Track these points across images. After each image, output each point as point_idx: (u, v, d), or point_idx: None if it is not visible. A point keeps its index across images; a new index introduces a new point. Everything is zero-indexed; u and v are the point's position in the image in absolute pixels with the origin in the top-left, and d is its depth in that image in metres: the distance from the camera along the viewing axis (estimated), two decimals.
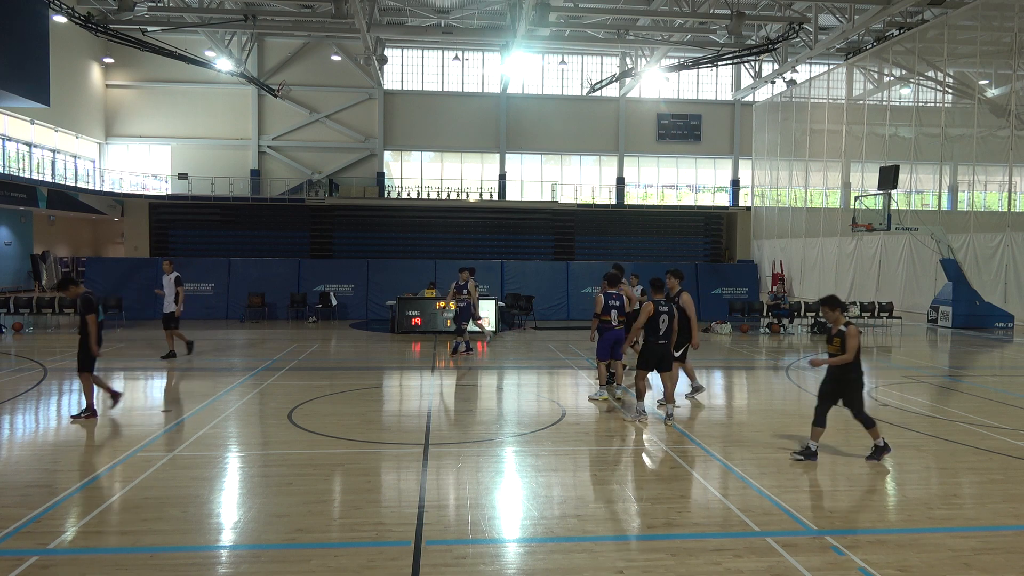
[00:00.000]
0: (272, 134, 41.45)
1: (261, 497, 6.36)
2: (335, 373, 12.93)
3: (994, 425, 9.26)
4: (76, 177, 36.90)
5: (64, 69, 34.15)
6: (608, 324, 10.47)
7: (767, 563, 5.10)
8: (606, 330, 10.49)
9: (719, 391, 12.29)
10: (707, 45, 32.02)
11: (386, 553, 5.23)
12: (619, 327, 10.49)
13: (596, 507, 6.23)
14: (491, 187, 42.65)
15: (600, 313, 10.48)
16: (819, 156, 34.68)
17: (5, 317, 19.25)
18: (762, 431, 8.92)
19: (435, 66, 42.22)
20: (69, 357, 14.20)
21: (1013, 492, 6.69)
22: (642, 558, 5.23)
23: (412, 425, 9.12)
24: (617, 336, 10.49)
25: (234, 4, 32.18)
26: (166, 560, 5.09)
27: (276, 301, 22.08)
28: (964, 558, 5.22)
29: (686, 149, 43.73)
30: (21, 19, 26.63)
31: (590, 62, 42.59)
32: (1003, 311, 21.92)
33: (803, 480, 7.04)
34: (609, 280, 10.59)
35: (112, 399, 9.58)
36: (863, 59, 31.42)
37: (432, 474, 7.05)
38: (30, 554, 5.10)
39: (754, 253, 40.84)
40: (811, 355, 15.89)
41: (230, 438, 8.35)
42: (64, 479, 6.76)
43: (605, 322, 10.47)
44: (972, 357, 16.69)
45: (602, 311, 10.45)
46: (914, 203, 28.92)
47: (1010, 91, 23.83)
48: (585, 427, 9.10)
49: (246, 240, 38.23)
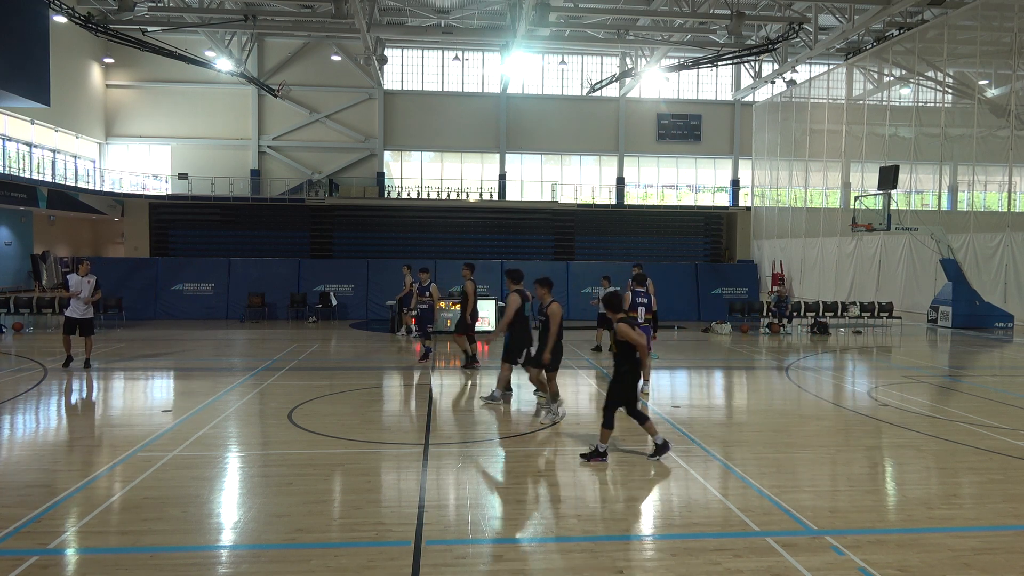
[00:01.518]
0: (272, 134, 41.44)
1: (261, 497, 6.36)
2: (335, 373, 12.93)
3: (994, 425, 9.26)
4: (76, 177, 36.89)
5: (64, 69, 34.14)
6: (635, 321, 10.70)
7: (767, 563, 5.10)
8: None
9: (719, 391, 12.29)
10: (707, 45, 32.02)
11: (386, 553, 5.23)
12: (646, 324, 10.85)
13: (596, 507, 6.23)
14: (491, 187, 42.64)
15: (628, 310, 10.65)
16: (819, 156, 34.68)
17: (5, 317, 19.25)
18: (762, 431, 8.92)
19: (435, 66, 42.22)
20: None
21: (1013, 492, 6.69)
22: (642, 558, 5.23)
23: (412, 425, 9.12)
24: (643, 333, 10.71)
25: (234, 4, 32.18)
26: (166, 560, 5.09)
27: (276, 301, 22.09)
28: (964, 558, 5.22)
29: (686, 149, 43.72)
30: (21, 19, 26.61)
31: (590, 62, 42.58)
32: (1003, 311, 21.92)
33: (803, 480, 7.04)
34: (636, 279, 11.12)
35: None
36: (863, 59, 31.43)
37: (432, 474, 7.05)
38: (30, 554, 5.10)
39: (754, 253, 40.84)
40: (811, 355, 15.90)
41: (230, 438, 8.35)
42: (64, 479, 6.75)
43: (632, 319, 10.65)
44: (972, 357, 16.69)
45: (629, 307, 10.75)
46: (914, 203, 28.92)
47: (1010, 91, 23.83)
48: (585, 427, 9.10)
49: (246, 240, 38.23)
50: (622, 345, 7.47)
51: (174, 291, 21.90)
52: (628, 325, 7.43)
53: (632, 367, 7.48)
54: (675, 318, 22.45)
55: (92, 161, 39.29)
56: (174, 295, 21.87)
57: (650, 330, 10.89)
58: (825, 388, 12.11)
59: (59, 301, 18.91)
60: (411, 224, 39.70)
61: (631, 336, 7.34)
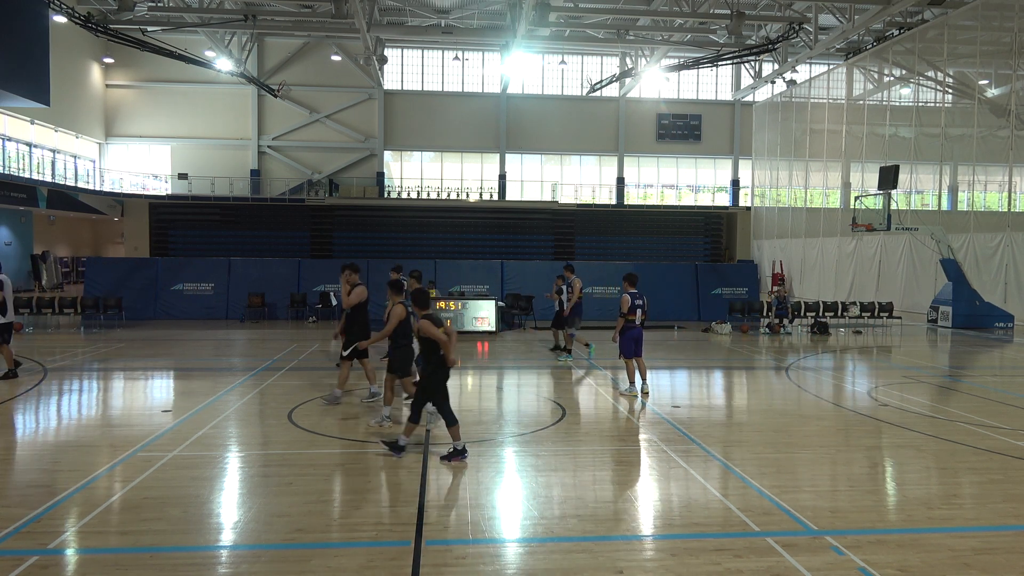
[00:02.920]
0: (272, 134, 41.45)
1: (261, 497, 6.36)
2: (335, 373, 12.91)
3: (994, 425, 9.26)
4: (76, 177, 36.90)
5: (64, 69, 34.14)
6: (632, 323, 10.93)
7: (767, 563, 5.10)
8: (629, 328, 10.94)
9: (719, 391, 12.29)
10: (707, 45, 32.02)
11: (386, 553, 5.23)
12: (641, 325, 11.00)
13: (596, 507, 6.23)
14: (491, 187, 42.65)
15: (627, 312, 10.88)
16: (819, 156, 34.68)
17: None
18: (762, 431, 8.92)
19: (435, 66, 42.23)
20: (69, 357, 14.24)
21: (1013, 492, 6.69)
22: (642, 558, 5.23)
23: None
24: (639, 334, 10.98)
25: (234, 4, 32.18)
26: (166, 560, 5.09)
27: (276, 301, 22.07)
28: (964, 558, 5.22)
29: (686, 149, 43.73)
30: (21, 19, 26.61)
31: (590, 62, 42.59)
32: (1003, 311, 21.92)
33: (803, 480, 7.05)
34: (629, 280, 11.11)
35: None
36: (863, 59, 31.42)
37: (432, 474, 7.04)
38: (30, 554, 5.10)
39: (754, 253, 40.85)
40: (811, 355, 15.90)
41: (230, 438, 8.35)
42: (64, 479, 6.75)
43: (630, 321, 10.92)
44: (972, 357, 16.69)
45: (628, 310, 10.86)
46: (914, 203, 28.93)
47: (1010, 91, 23.84)
48: (585, 427, 9.10)
49: (246, 240, 38.25)
50: (426, 342, 7.49)
51: (174, 291, 21.88)
52: (430, 322, 7.41)
53: (437, 365, 7.48)
54: (675, 318, 22.45)
55: (92, 161, 39.30)
56: (174, 295, 21.85)
57: (641, 331, 10.98)
58: (825, 388, 12.11)
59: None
60: (411, 224, 39.70)
61: (433, 333, 7.37)
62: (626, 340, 10.93)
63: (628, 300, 10.88)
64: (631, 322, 10.89)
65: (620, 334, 10.97)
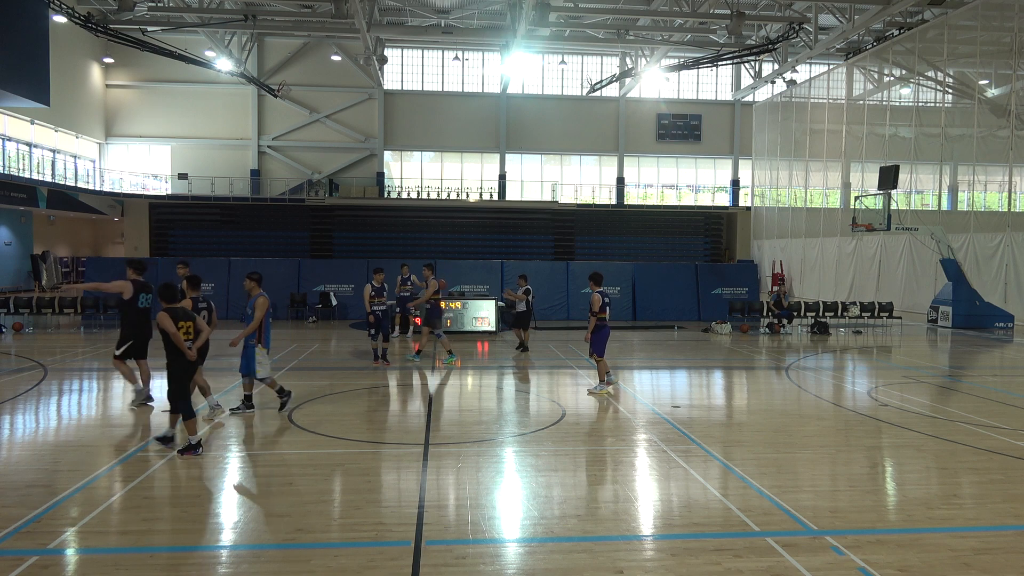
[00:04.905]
0: (272, 134, 41.45)
1: (261, 497, 6.36)
2: (335, 373, 12.93)
3: (994, 425, 9.26)
4: (76, 177, 36.90)
5: (64, 69, 34.14)
6: (604, 321, 11.00)
7: (767, 563, 5.10)
8: (602, 327, 11.01)
9: (719, 391, 12.29)
10: (707, 45, 32.02)
11: (386, 553, 5.23)
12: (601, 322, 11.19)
13: (596, 507, 6.23)
14: (491, 187, 42.65)
15: (598, 311, 10.89)
16: (819, 156, 34.69)
17: (5, 317, 19.25)
18: (762, 431, 8.92)
19: (435, 66, 42.22)
20: (69, 357, 14.24)
21: (1013, 492, 6.69)
22: (642, 558, 5.23)
23: (412, 425, 9.12)
24: (608, 332, 11.18)
25: (234, 4, 32.18)
26: (166, 560, 5.09)
27: (276, 301, 21.96)
28: (964, 558, 5.22)
29: (686, 149, 43.73)
30: (21, 19, 26.61)
31: (590, 62, 42.59)
32: (1003, 311, 21.92)
33: (803, 480, 7.04)
34: (595, 280, 11.20)
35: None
36: (863, 59, 31.43)
37: (432, 474, 7.04)
38: (30, 554, 5.10)
39: (754, 253, 40.85)
40: (811, 355, 15.91)
41: (230, 438, 8.35)
42: (64, 479, 6.75)
43: (602, 320, 10.95)
44: (972, 357, 16.69)
45: (599, 308, 10.88)
46: (914, 203, 28.92)
47: (1010, 91, 23.84)
48: (585, 427, 9.10)
49: (246, 240, 38.24)
50: (164, 335, 7.59)
51: None
52: (167, 316, 7.52)
53: (174, 358, 7.62)
54: (675, 318, 22.45)
55: (92, 161, 39.30)
56: None
57: (609, 331, 11.13)
58: (825, 388, 12.11)
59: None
60: (411, 224, 39.70)
61: (166, 326, 7.49)
62: (601, 338, 10.98)
63: (599, 299, 10.87)
64: (603, 320, 10.95)
65: (593, 333, 10.96)
